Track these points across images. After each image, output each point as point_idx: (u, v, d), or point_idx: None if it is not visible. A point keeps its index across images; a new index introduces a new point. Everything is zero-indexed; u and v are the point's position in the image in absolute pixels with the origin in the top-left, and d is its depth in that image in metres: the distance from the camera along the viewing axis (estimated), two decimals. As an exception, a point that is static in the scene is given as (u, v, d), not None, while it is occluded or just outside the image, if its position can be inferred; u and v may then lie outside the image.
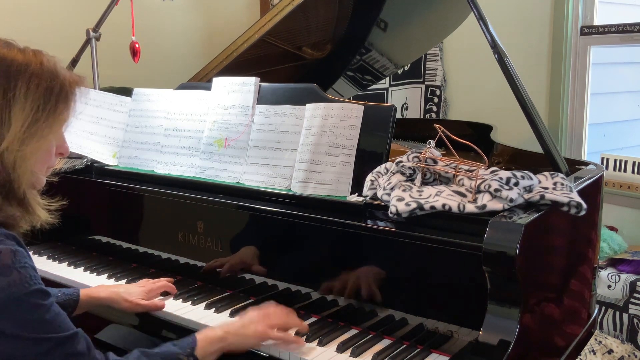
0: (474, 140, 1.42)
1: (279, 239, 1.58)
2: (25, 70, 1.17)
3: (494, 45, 1.52)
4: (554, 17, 3.11)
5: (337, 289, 1.47)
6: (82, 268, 1.87)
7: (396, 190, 1.37)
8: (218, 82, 1.83)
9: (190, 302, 1.59)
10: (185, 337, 1.29)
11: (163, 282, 1.65)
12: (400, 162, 1.45)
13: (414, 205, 1.30)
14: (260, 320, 1.36)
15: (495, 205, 1.26)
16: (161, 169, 1.87)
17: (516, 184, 1.30)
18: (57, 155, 1.27)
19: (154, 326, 1.57)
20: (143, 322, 1.58)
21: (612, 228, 2.83)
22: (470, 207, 1.27)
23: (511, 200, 1.26)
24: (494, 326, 1.19)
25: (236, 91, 1.79)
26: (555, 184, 1.36)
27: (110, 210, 1.98)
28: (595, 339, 2.53)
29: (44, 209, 1.26)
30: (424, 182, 1.42)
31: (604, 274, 2.55)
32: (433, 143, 1.45)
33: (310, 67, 2.42)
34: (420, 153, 1.44)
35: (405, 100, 3.55)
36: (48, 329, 1.11)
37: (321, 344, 1.36)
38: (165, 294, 1.64)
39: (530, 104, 1.51)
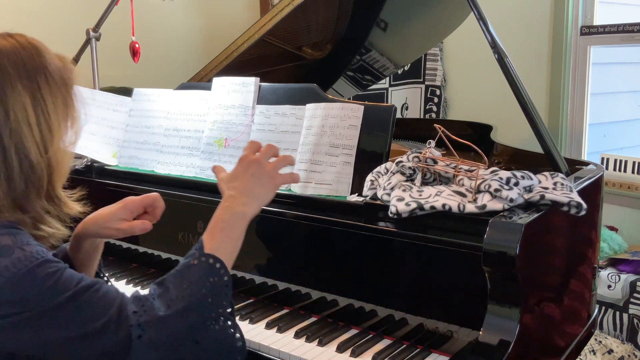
0: (474, 140, 1.42)
1: (279, 239, 1.58)
2: (38, 67, 1.12)
3: (494, 45, 1.52)
4: (554, 17, 3.11)
5: (337, 289, 1.47)
6: (82, 268, 1.86)
7: (396, 190, 1.37)
8: (218, 82, 1.83)
9: (190, 302, 1.59)
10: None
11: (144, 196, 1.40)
12: (400, 162, 1.45)
13: (414, 205, 1.30)
14: (261, 172, 1.22)
15: (495, 205, 1.26)
16: (161, 169, 1.87)
17: (516, 184, 1.30)
18: None
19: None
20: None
21: (612, 228, 2.83)
22: (470, 207, 1.27)
23: (511, 200, 1.26)
24: (494, 326, 1.19)
25: (236, 91, 1.79)
26: (555, 184, 1.36)
27: (110, 210, 1.98)
28: (595, 339, 2.53)
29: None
30: (424, 182, 1.42)
31: (604, 274, 2.55)
32: (433, 143, 1.45)
33: (310, 67, 2.42)
34: (420, 153, 1.44)
35: (405, 100, 3.55)
36: (68, 286, 1.02)
37: (321, 344, 1.36)
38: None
39: (530, 104, 1.51)
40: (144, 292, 1.08)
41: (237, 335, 1.08)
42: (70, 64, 1.21)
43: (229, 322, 1.07)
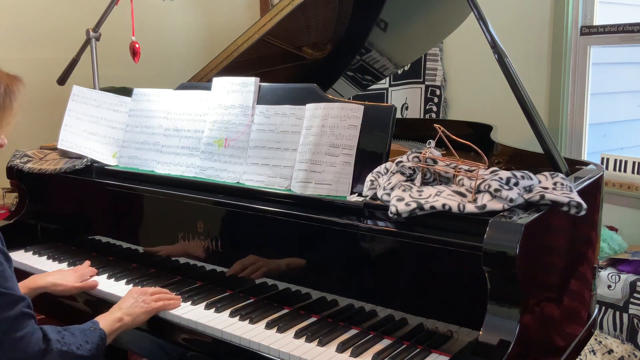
0: (474, 140, 1.42)
1: (279, 239, 1.58)
2: None
3: (494, 45, 1.52)
4: (554, 17, 3.11)
5: (337, 289, 1.47)
6: (82, 268, 1.87)
7: (396, 190, 1.37)
8: (218, 82, 1.83)
9: (190, 302, 1.59)
10: (88, 322, 1.46)
11: (86, 262, 1.87)
12: (400, 162, 1.45)
13: (414, 205, 1.30)
14: (142, 298, 1.56)
15: (495, 205, 1.26)
16: (161, 169, 1.87)
17: (516, 184, 1.30)
18: None
19: (158, 327, 1.57)
20: (148, 323, 1.58)
21: (612, 228, 2.83)
22: (470, 207, 1.27)
23: (511, 200, 1.26)
24: (494, 326, 1.19)
25: (236, 91, 1.79)
26: (555, 184, 1.36)
27: (110, 210, 1.98)
28: (595, 339, 2.52)
29: None
30: (424, 182, 1.42)
31: (604, 274, 2.55)
32: (433, 143, 1.45)
33: (310, 67, 2.42)
34: (420, 153, 1.44)
35: (405, 100, 3.55)
36: (6, 286, 1.23)
37: (321, 344, 1.36)
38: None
39: (530, 104, 1.51)
40: (50, 326, 1.33)
41: None
42: (16, 85, 1.41)
43: None
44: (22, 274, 1.83)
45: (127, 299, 1.57)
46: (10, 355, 1.24)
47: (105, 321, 1.47)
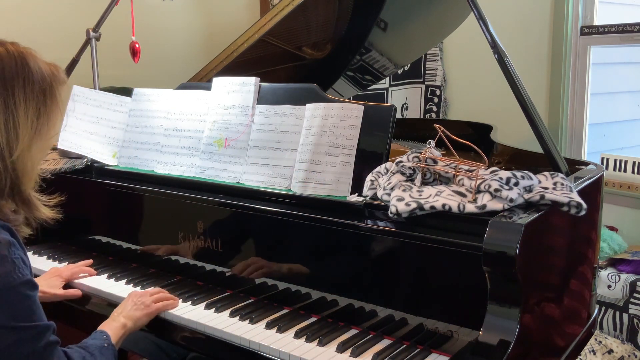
0: (474, 140, 1.42)
1: (279, 239, 1.58)
2: (17, 75, 1.20)
3: (494, 45, 1.52)
4: (554, 17, 3.11)
5: (337, 289, 1.47)
6: (82, 268, 1.86)
7: (396, 190, 1.37)
8: (218, 82, 1.83)
9: (190, 302, 1.59)
10: (96, 332, 1.42)
11: (80, 265, 1.81)
12: (400, 162, 1.45)
13: (414, 205, 1.30)
14: (141, 300, 1.53)
15: (495, 205, 1.26)
16: (161, 169, 1.87)
17: (516, 184, 1.30)
18: None
19: (158, 327, 1.57)
20: (148, 324, 1.58)
21: (612, 228, 2.83)
22: (470, 207, 1.27)
23: (511, 200, 1.26)
24: (494, 326, 1.19)
25: (236, 91, 1.79)
26: (555, 184, 1.36)
27: (110, 210, 1.98)
28: (595, 339, 2.52)
29: (45, 206, 1.33)
30: (424, 182, 1.42)
31: (604, 274, 2.55)
32: (433, 143, 1.45)
33: (310, 67, 2.42)
34: (420, 153, 1.44)
35: (405, 100, 3.55)
36: (33, 318, 1.18)
37: (321, 344, 1.36)
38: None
39: (530, 104, 1.51)
40: (73, 350, 1.29)
41: None
42: (60, 75, 1.30)
43: None
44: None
45: (127, 302, 1.54)
46: None
47: (112, 331, 1.44)
